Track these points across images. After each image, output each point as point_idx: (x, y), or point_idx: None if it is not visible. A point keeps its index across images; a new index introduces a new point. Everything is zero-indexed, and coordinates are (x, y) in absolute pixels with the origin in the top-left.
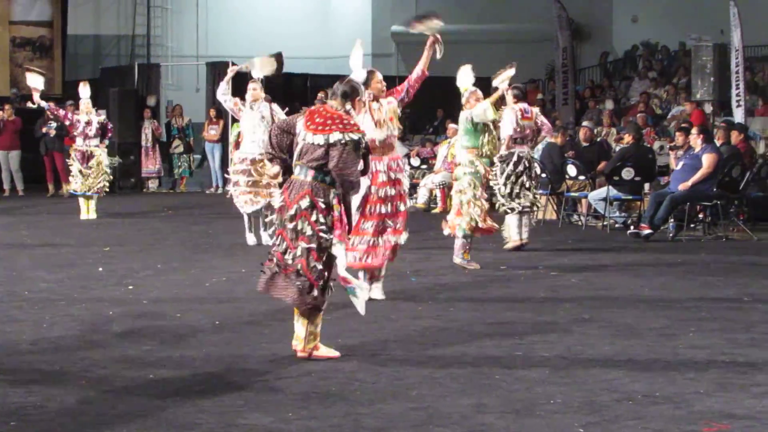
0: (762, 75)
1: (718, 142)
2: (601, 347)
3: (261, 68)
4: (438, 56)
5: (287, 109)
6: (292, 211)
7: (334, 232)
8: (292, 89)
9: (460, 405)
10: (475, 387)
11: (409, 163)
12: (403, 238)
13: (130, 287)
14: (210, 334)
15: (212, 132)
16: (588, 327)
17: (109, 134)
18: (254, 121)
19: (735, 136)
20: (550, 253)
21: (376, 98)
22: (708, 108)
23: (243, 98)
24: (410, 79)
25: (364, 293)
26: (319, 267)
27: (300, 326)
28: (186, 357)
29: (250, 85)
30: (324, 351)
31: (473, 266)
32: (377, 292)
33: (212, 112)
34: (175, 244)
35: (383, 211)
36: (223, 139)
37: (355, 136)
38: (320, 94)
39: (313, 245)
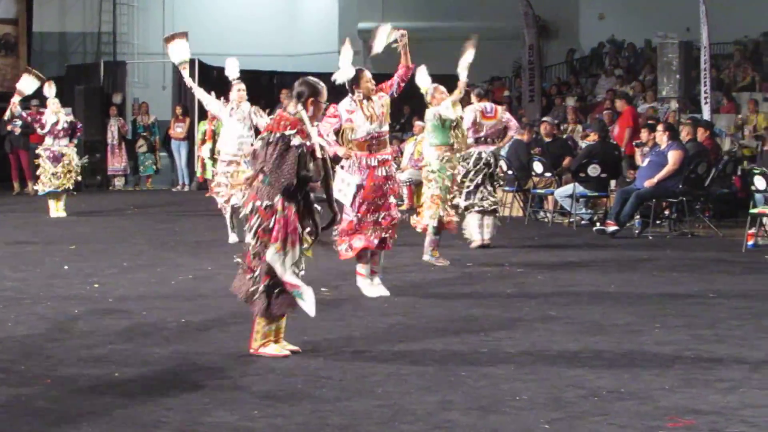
0: (728, 72)
1: (684, 140)
2: (566, 344)
3: (178, 56)
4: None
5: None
6: (246, 211)
7: (271, 234)
8: (258, 87)
9: (425, 402)
10: (441, 384)
11: None
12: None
13: (96, 285)
14: (176, 332)
15: (178, 130)
16: (554, 323)
17: (78, 133)
18: (237, 122)
19: (701, 134)
20: (516, 250)
21: (367, 96)
22: (674, 105)
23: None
24: (398, 75)
25: (310, 295)
26: (263, 269)
27: (255, 323)
28: (152, 355)
29: (237, 86)
30: (271, 349)
31: (441, 263)
32: (380, 288)
33: (178, 110)
34: (141, 242)
35: (376, 205)
36: (190, 136)
37: (288, 133)
38: (283, 94)
39: (259, 247)
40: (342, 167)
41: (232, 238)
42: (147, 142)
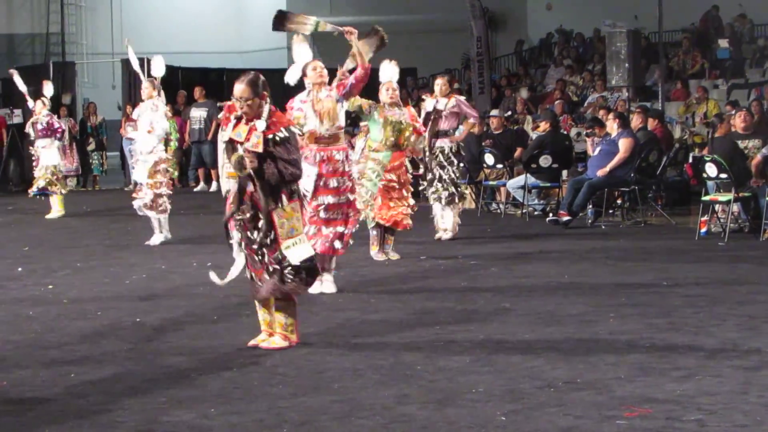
0: (677, 60)
1: (634, 128)
2: (521, 335)
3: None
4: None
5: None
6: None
7: None
8: (208, 84)
9: (381, 396)
10: (397, 378)
11: None
12: (349, 230)
13: (50, 286)
14: (131, 332)
15: (129, 129)
16: (508, 315)
17: (57, 133)
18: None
19: (652, 122)
20: (469, 242)
21: (318, 87)
22: (625, 94)
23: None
24: (354, 75)
25: (233, 273)
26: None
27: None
28: (107, 355)
29: (144, 83)
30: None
31: (380, 257)
32: (328, 285)
33: (129, 109)
34: (93, 242)
35: (326, 201)
36: None
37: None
38: None
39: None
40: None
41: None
42: (96, 140)
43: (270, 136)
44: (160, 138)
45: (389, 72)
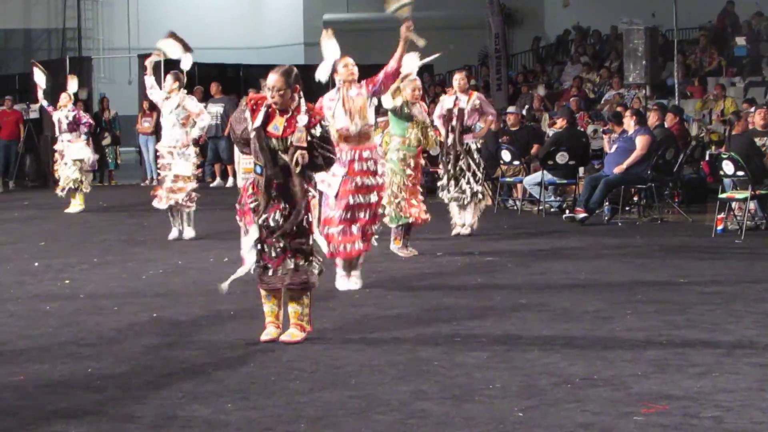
0: (693, 57)
1: (651, 125)
2: (538, 331)
3: (172, 52)
4: (420, 44)
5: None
6: None
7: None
8: (225, 80)
9: (399, 392)
10: (414, 373)
11: None
12: (374, 228)
13: (67, 282)
14: (147, 327)
15: (146, 124)
16: (525, 311)
17: (85, 128)
18: (168, 114)
19: (670, 119)
20: (485, 239)
21: (349, 84)
22: (642, 91)
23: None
24: (385, 71)
25: (240, 272)
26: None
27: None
28: (124, 350)
29: (169, 76)
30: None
31: (405, 253)
32: (355, 281)
33: (145, 105)
34: (110, 237)
35: (355, 201)
36: (157, 131)
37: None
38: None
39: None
40: None
41: (173, 233)
42: (111, 135)
43: (311, 130)
44: (204, 128)
45: (411, 64)
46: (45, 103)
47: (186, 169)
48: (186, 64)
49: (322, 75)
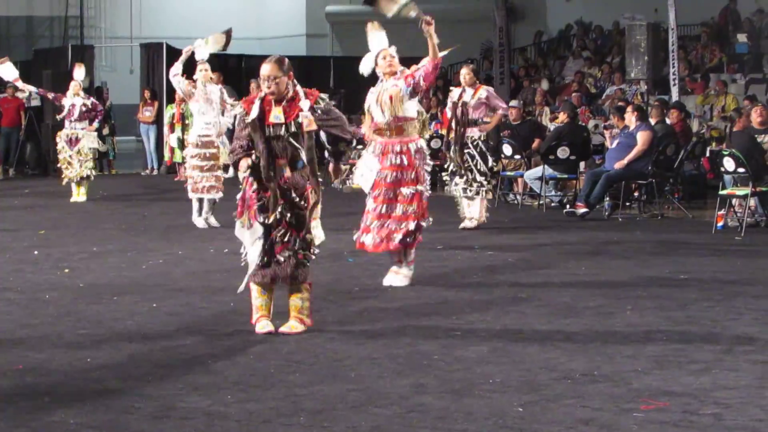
0: (695, 53)
1: (652, 121)
2: (538, 326)
3: (213, 45)
4: (436, 40)
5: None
6: None
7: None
8: (227, 70)
9: (398, 385)
10: (414, 367)
11: None
12: (412, 225)
13: (66, 271)
14: (147, 317)
15: (147, 113)
16: (525, 306)
17: (99, 117)
18: (203, 104)
19: (674, 115)
20: (486, 233)
21: (389, 75)
22: (643, 87)
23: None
24: (423, 68)
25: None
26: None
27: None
28: (123, 340)
29: (200, 67)
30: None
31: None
32: (400, 278)
33: (147, 94)
34: (110, 227)
35: (389, 196)
36: (158, 120)
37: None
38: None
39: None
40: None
41: (200, 222)
42: (110, 124)
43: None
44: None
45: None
46: (33, 89)
47: (224, 157)
48: (203, 54)
49: (365, 68)
